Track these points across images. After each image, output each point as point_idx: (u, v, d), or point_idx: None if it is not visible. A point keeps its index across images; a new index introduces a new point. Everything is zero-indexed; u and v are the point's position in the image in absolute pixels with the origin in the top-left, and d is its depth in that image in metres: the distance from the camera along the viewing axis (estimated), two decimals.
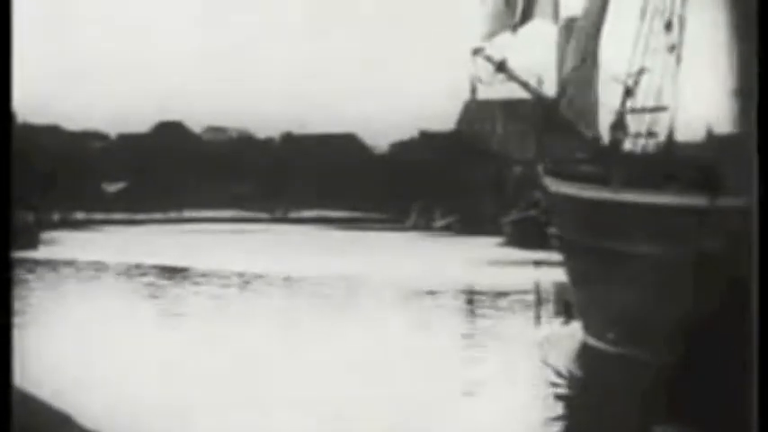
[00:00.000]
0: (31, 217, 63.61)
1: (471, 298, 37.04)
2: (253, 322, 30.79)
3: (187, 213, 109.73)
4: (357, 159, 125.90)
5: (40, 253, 55.91)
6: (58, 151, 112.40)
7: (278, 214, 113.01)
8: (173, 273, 46.26)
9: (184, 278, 44.18)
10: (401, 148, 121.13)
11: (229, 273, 45.26)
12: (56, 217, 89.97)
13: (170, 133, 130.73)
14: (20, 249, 48.55)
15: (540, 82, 26.47)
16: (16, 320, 10.16)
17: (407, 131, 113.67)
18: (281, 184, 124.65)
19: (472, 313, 33.98)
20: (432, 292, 37.79)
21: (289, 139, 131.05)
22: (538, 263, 40.38)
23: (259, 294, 38.36)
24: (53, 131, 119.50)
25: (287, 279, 42.53)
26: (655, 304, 22.23)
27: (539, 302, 28.39)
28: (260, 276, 43.66)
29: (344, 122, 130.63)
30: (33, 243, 58.96)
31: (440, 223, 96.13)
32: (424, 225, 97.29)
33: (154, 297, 38.55)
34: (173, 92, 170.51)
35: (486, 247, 55.41)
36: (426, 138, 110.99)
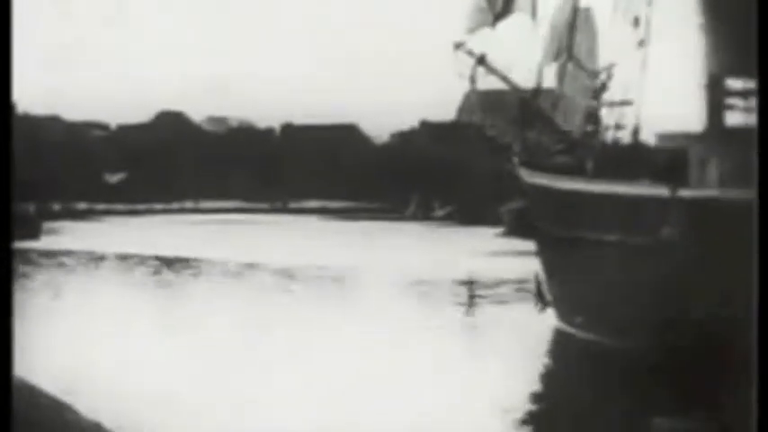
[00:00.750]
0: (32, 207, 63.63)
1: (471, 288, 37.07)
2: (252, 312, 30.82)
3: (188, 203, 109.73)
4: (357, 149, 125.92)
5: (42, 243, 55.94)
6: (58, 141, 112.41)
7: (278, 204, 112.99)
8: (173, 263, 46.29)
9: (185, 269, 44.20)
10: (401, 138, 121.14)
11: (230, 263, 45.29)
12: (57, 207, 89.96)
13: (170, 123, 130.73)
14: (21, 240, 48.58)
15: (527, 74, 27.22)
16: (17, 311, 10.19)
17: (408, 121, 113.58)
18: (281, 174, 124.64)
19: (472, 302, 34.02)
20: (431, 282, 37.82)
21: (289, 129, 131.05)
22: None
23: (259, 284, 38.39)
24: (53, 122, 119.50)
25: (286, 269, 42.54)
26: (619, 290, 23.21)
27: (539, 292, 28.68)
28: (260, 266, 43.69)
29: (345, 112, 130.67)
30: (34, 233, 58.97)
31: (439, 213, 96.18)
32: (424, 215, 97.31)
33: (155, 288, 38.58)
34: (173, 82, 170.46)
35: (485, 237, 55.22)
36: (426, 128, 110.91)
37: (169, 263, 46.46)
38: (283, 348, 24.32)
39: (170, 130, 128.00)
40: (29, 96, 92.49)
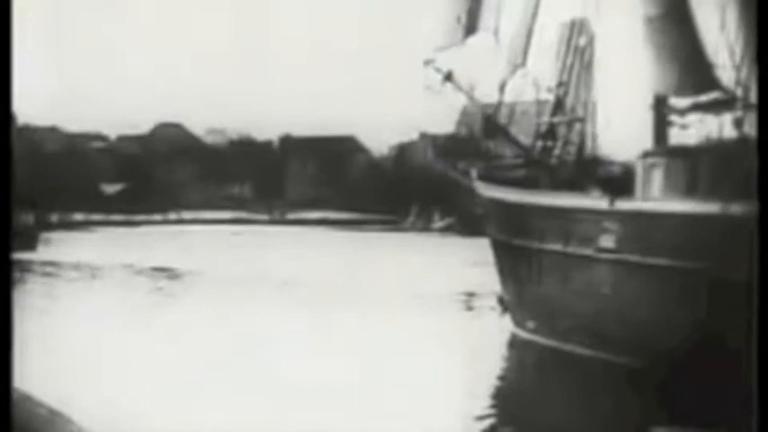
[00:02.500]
0: (30, 218, 63.65)
1: (470, 298, 37.09)
2: (252, 322, 30.82)
3: (186, 215, 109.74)
4: (356, 161, 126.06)
5: (39, 254, 55.96)
6: (57, 153, 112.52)
7: (277, 216, 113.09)
8: (171, 274, 46.31)
9: (183, 279, 44.24)
10: (400, 150, 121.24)
11: (228, 274, 45.34)
12: (55, 218, 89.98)
13: (169, 135, 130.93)
14: (19, 250, 48.62)
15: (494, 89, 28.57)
16: (15, 321, 10.19)
17: (407, 133, 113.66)
18: (280, 185, 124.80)
19: (471, 313, 34.05)
20: (430, 294, 37.84)
21: (288, 141, 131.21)
22: None
23: (258, 295, 38.42)
24: (53, 133, 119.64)
25: (286, 280, 42.58)
26: (562, 296, 24.81)
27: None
28: (259, 277, 43.73)
29: (344, 124, 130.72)
30: (32, 244, 59.00)
31: (438, 224, 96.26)
32: (423, 226, 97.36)
33: (153, 298, 38.58)
34: (173, 94, 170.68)
35: (485, 248, 55.29)
36: (425, 140, 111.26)
37: (167, 273, 46.49)
38: (282, 357, 24.31)
39: (169, 141, 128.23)
40: (29, 108, 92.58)
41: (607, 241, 23.03)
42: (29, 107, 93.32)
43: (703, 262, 20.26)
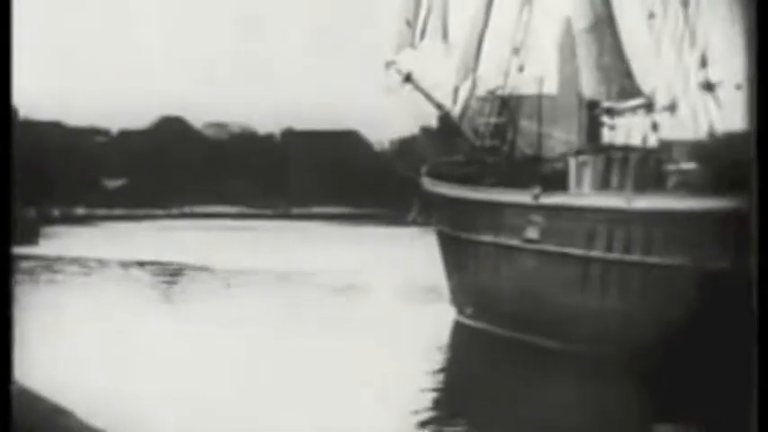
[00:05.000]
0: (31, 212, 63.60)
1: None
2: (254, 318, 30.79)
3: (188, 209, 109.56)
4: (358, 155, 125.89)
5: (41, 248, 55.92)
6: (58, 147, 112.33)
7: (280, 210, 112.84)
8: (173, 269, 46.28)
9: (185, 274, 44.20)
10: (402, 145, 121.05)
11: (230, 268, 45.29)
12: (56, 212, 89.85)
13: (171, 129, 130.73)
14: (20, 245, 48.57)
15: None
16: (16, 315, 10.18)
17: (408, 128, 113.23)
18: (282, 180, 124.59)
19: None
20: (431, 288, 37.80)
21: (290, 135, 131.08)
22: None
23: (261, 290, 38.37)
24: (54, 127, 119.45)
25: (289, 274, 42.52)
26: (494, 284, 27.51)
27: None
28: (262, 272, 43.67)
29: (346, 119, 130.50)
30: (34, 238, 58.95)
31: None
32: (425, 220, 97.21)
33: (154, 293, 38.57)
34: (174, 87, 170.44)
35: None
36: (427, 134, 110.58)
37: (169, 268, 46.45)
38: (285, 354, 24.30)
39: (171, 135, 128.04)
40: (30, 102, 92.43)
41: (532, 233, 25.71)
42: (30, 102, 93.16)
43: (613, 252, 22.65)
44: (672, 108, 23.95)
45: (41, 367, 18.69)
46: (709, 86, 23.01)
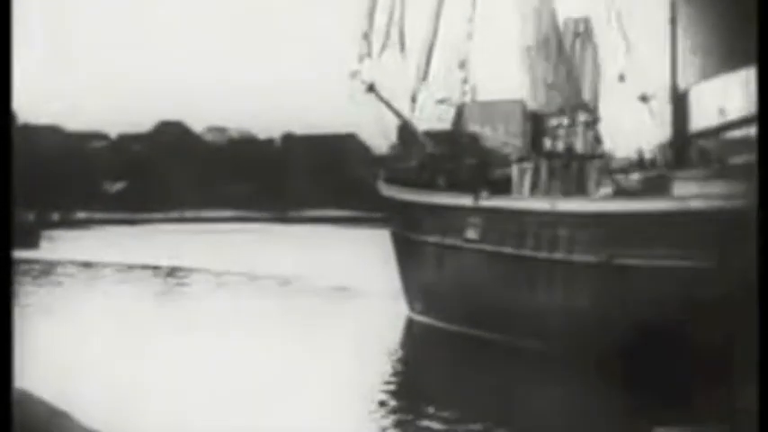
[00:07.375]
0: (31, 216, 63.71)
1: None
2: (253, 322, 30.85)
3: (188, 213, 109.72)
4: (357, 159, 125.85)
5: (41, 252, 56.01)
6: (58, 151, 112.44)
7: (278, 214, 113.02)
8: (173, 272, 46.35)
9: (184, 277, 44.27)
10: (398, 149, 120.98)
11: (229, 272, 45.35)
12: (56, 216, 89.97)
13: (171, 133, 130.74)
14: (21, 248, 48.65)
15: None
16: (16, 319, 10.22)
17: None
18: (281, 183, 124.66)
19: None
20: None
21: (289, 139, 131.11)
22: None
23: (259, 294, 38.45)
24: (54, 131, 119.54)
25: (288, 278, 42.59)
26: (438, 281, 29.20)
27: None
28: (260, 275, 43.74)
29: (345, 123, 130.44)
30: (34, 242, 59.07)
31: None
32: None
33: (154, 296, 38.65)
34: (173, 92, 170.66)
35: None
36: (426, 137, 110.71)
37: (169, 272, 46.53)
38: (283, 358, 24.37)
39: (170, 139, 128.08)
40: (29, 106, 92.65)
41: (472, 233, 27.28)
42: (29, 106, 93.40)
43: (541, 251, 24.34)
44: (605, 119, 26.31)
45: (41, 370, 18.74)
46: (644, 98, 24.18)
